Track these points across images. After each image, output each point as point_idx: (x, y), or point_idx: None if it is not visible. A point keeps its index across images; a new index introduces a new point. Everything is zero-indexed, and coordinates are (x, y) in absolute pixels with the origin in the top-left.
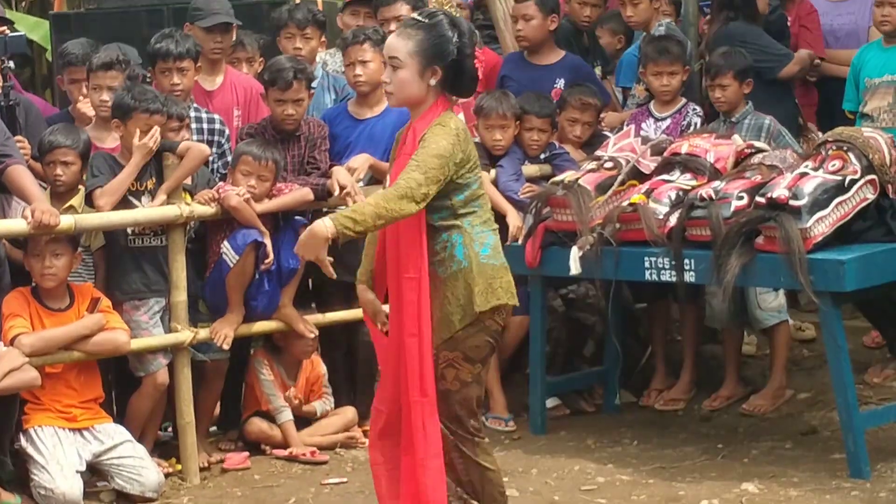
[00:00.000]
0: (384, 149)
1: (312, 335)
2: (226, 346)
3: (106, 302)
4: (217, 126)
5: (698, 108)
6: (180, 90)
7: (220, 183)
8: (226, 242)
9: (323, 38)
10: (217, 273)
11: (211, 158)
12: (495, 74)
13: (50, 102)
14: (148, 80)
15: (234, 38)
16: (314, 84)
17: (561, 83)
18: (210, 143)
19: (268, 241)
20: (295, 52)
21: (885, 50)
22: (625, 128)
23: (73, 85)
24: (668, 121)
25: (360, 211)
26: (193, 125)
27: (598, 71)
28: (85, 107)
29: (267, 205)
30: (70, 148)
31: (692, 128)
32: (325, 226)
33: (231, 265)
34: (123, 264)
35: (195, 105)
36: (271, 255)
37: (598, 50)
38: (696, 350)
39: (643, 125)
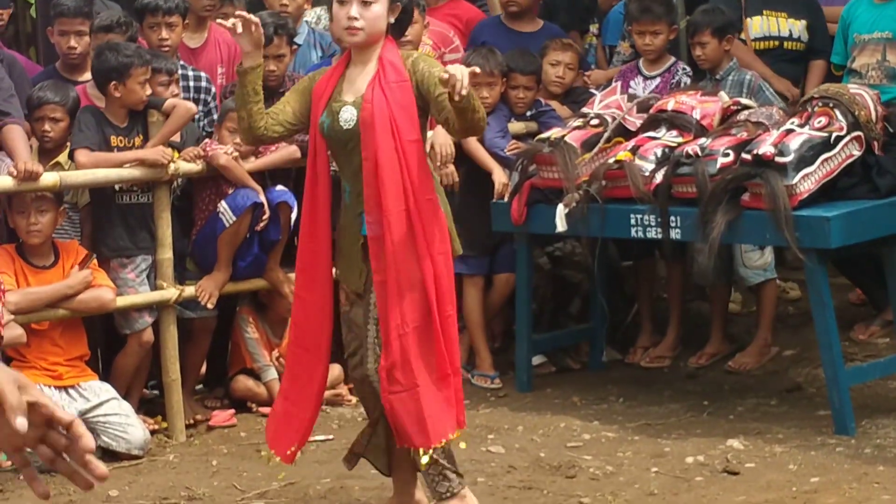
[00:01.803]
0: None
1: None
2: (210, 305)
3: (94, 260)
4: (203, 84)
5: (687, 68)
6: (168, 45)
7: (207, 140)
8: (224, 202)
9: None
10: (210, 230)
11: (197, 117)
12: (471, 28)
13: (34, 60)
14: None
15: None
16: (300, 40)
17: None
18: (196, 101)
19: (263, 199)
20: (281, 8)
21: (876, 6)
22: (612, 84)
23: (62, 37)
24: (658, 80)
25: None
26: (181, 83)
27: (594, 29)
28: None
29: (255, 163)
30: (58, 104)
31: (682, 86)
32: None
33: (227, 225)
34: (110, 221)
35: (182, 62)
36: (268, 212)
37: (598, 10)
38: (681, 307)
39: (632, 83)
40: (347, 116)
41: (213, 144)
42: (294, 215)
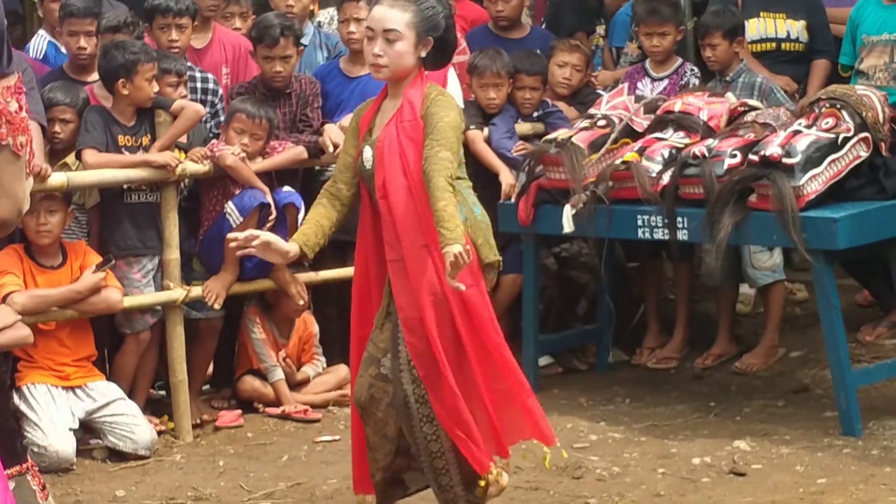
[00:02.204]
0: None
1: (302, 301)
2: (217, 306)
3: (112, 263)
4: (210, 86)
5: (695, 69)
6: (178, 47)
7: (213, 141)
8: (231, 203)
9: None
10: (216, 231)
11: (204, 118)
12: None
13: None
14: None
15: None
16: (306, 41)
17: None
18: (203, 103)
19: (270, 200)
20: (287, 9)
21: (885, 7)
22: (619, 85)
23: (71, 38)
24: (666, 81)
25: (451, 220)
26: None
27: (601, 30)
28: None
29: (262, 164)
30: (69, 105)
31: (690, 88)
32: (459, 251)
33: (234, 225)
34: (119, 220)
35: (189, 64)
36: (275, 212)
37: (604, 11)
38: (688, 308)
39: (639, 84)
40: (367, 156)
41: (219, 145)
42: (301, 216)
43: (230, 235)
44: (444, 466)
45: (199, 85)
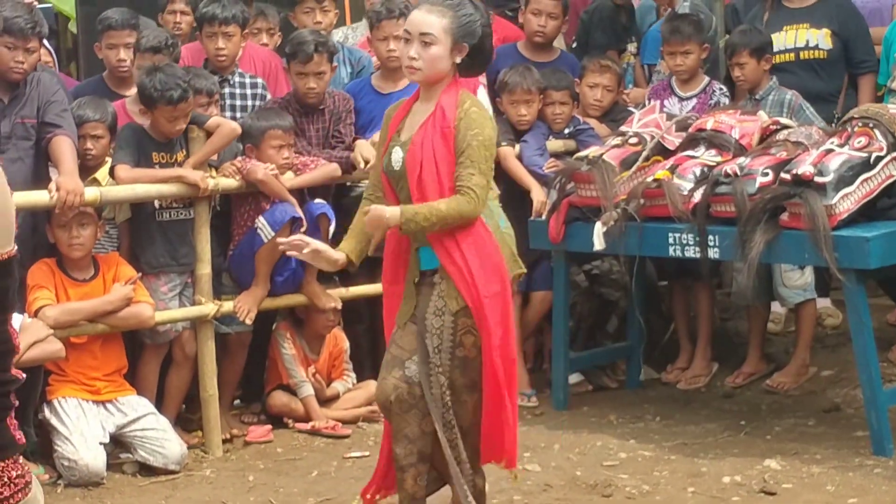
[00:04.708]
0: None
1: (333, 304)
2: (248, 321)
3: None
4: (260, 91)
5: (724, 88)
6: (225, 55)
7: (242, 157)
8: (262, 217)
9: (336, 10)
10: (247, 247)
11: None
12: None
13: (75, 76)
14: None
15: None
16: None
17: None
18: (253, 109)
19: (301, 214)
20: (315, 25)
21: None
22: (657, 103)
23: (111, 50)
24: (694, 101)
25: (428, 210)
26: (237, 90)
27: (632, 48)
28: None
29: (296, 181)
30: (99, 122)
31: (720, 106)
32: (394, 215)
33: (265, 240)
34: (150, 237)
35: (239, 71)
36: (305, 225)
37: (635, 28)
38: (711, 327)
39: (666, 102)
40: (396, 157)
41: (251, 161)
42: (332, 228)
43: (279, 239)
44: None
45: (248, 91)
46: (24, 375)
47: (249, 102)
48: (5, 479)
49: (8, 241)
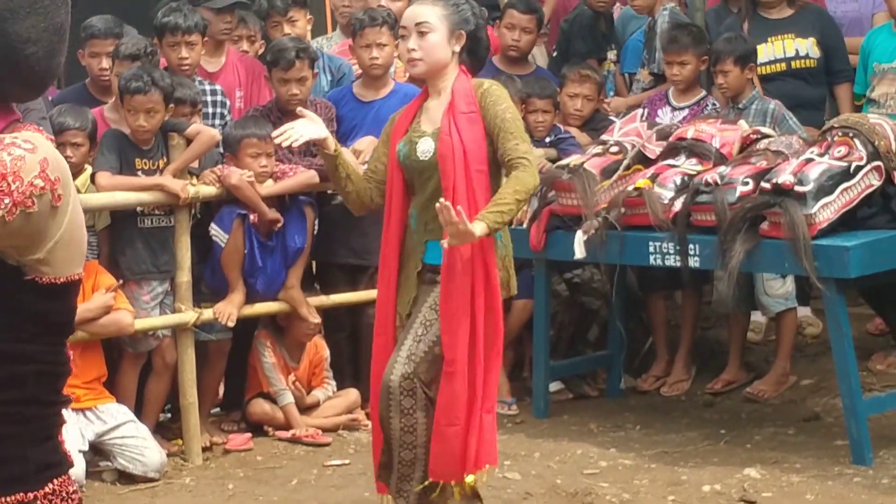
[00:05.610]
0: None
1: (315, 321)
2: (230, 324)
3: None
4: (219, 98)
5: (717, 103)
6: (188, 64)
7: (221, 165)
8: (213, 224)
9: (309, 17)
10: (215, 258)
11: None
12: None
13: (55, 84)
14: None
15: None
16: None
17: None
18: (214, 116)
19: (276, 215)
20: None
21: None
22: (633, 112)
23: (93, 59)
24: (686, 111)
25: (503, 202)
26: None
27: (612, 55)
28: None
29: (273, 187)
30: (79, 130)
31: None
32: (479, 228)
33: (222, 245)
34: (132, 243)
35: (199, 78)
36: (281, 220)
37: (615, 36)
38: (693, 335)
39: (659, 111)
40: (425, 148)
41: (231, 168)
42: (317, 222)
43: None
44: (412, 460)
45: (208, 98)
46: (75, 395)
47: (210, 109)
48: (63, 495)
49: (79, 263)
